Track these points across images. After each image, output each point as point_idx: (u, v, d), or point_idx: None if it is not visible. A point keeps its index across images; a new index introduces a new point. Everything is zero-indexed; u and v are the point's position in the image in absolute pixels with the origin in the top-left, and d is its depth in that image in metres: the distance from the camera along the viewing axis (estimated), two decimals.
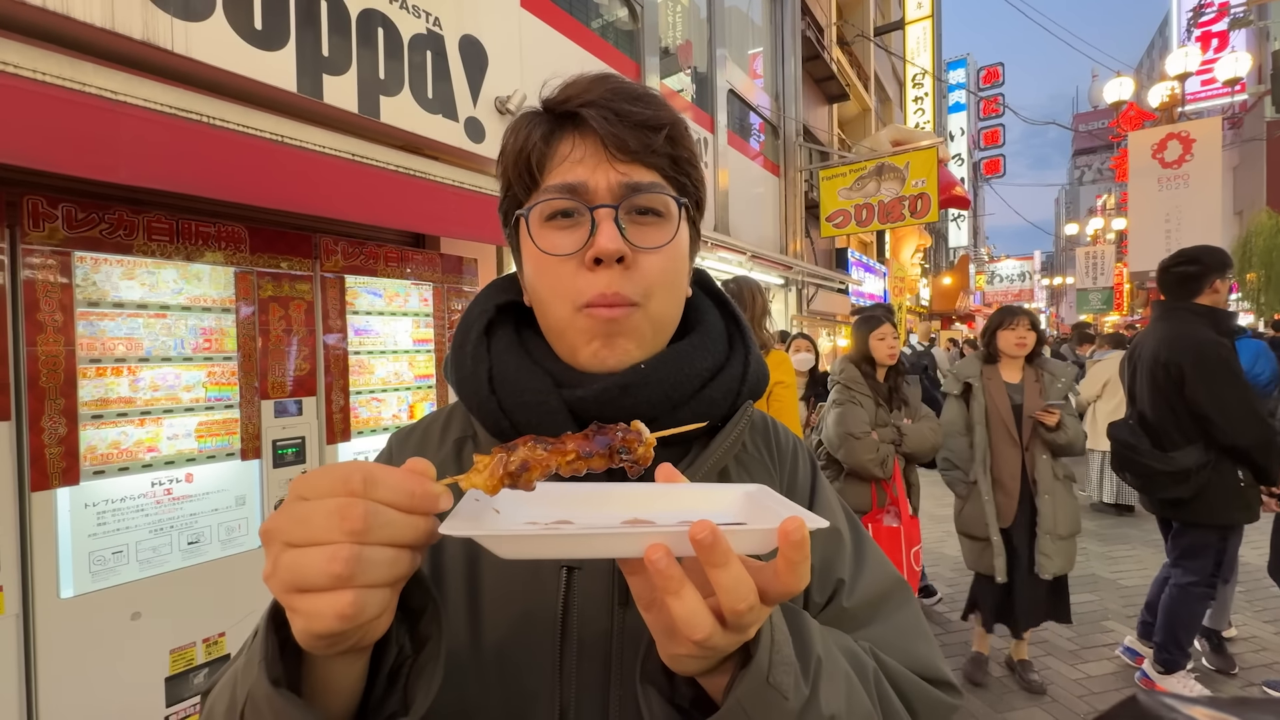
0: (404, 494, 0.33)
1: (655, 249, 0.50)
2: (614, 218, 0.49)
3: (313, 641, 0.33)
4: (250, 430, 2.17)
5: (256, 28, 2.28)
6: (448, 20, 2.99)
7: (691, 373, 0.53)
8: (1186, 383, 2.35)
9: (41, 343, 1.71)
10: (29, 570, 1.70)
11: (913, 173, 7.35)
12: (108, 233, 1.83)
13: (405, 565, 0.34)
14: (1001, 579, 2.52)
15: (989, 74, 27.82)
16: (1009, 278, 30.21)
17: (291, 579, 0.31)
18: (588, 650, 0.48)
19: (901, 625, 0.54)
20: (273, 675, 0.35)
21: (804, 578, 0.33)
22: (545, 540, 0.34)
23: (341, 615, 0.31)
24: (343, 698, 0.38)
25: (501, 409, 0.52)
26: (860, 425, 2.52)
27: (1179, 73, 9.90)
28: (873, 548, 0.59)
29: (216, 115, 1.95)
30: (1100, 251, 16.49)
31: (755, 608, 0.33)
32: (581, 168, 0.50)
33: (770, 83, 8.45)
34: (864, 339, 2.69)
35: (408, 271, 2.68)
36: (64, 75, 1.61)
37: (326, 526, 0.31)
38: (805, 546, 0.32)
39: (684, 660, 0.36)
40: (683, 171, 0.53)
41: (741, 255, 6.06)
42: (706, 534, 0.31)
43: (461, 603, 0.50)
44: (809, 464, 0.63)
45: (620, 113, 0.49)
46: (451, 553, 0.51)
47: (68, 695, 1.74)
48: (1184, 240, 8.26)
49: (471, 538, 0.33)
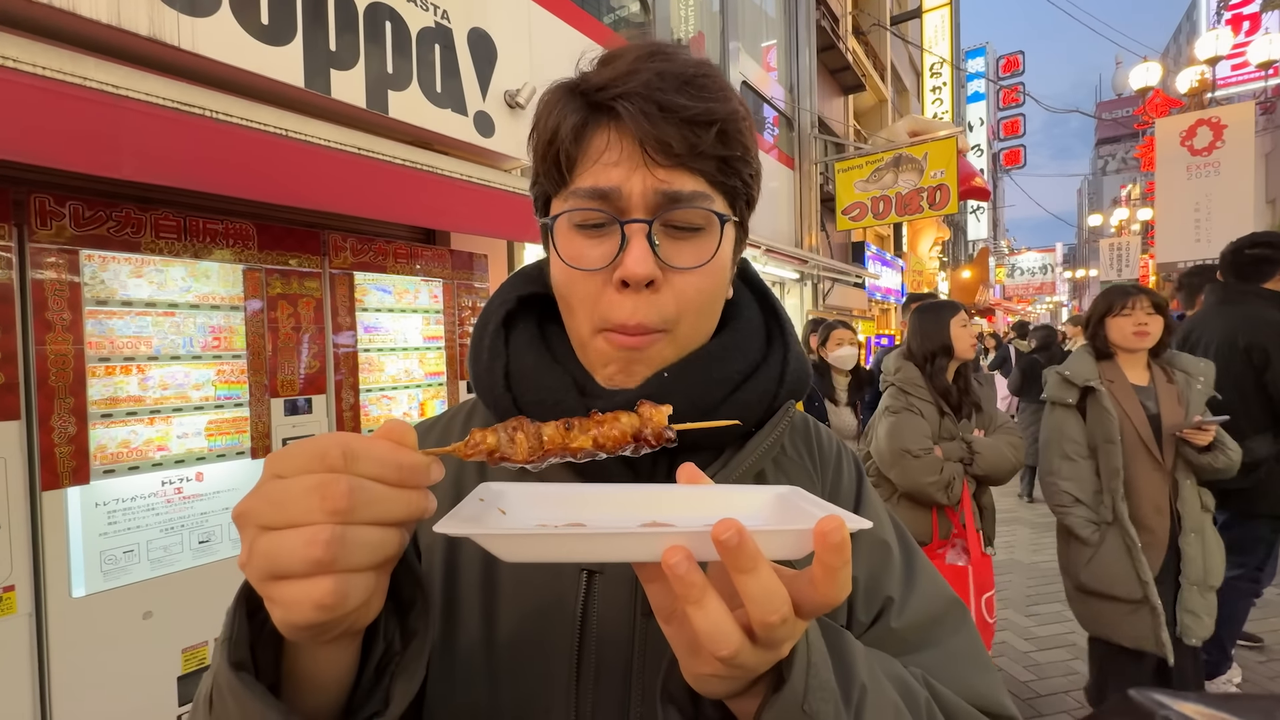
0: (391, 466, 0.30)
1: (691, 269, 0.45)
2: (647, 233, 0.43)
3: (294, 632, 0.30)
4: (260, 429, 2.16)
5: (263, 23, 2.26)
6: (456, 13, 2.95)
7: (720, 378, 0.49)
8: (1270, 367, 2.23)
9: (50, 341, 1.70)
10: (41, 570, 1.70)
11: (931, 164, 7.19)
12: (115, 230, 1.82)
13: (394, 545, 0.31)
14: (1169, 656, 1.88)
15: (1009, 62, 27.25)
16: (1030, 270, 29.64)
17: (268, 566, 0.28)
18: (606, 661, 0.44)
19: (957, 651, 0.49)
20: (234, 659, 0.32)
21: (844, 587, 0.29)
22: (548, 541, 0.31)
23: (320, 605, 0.28)
24: (328, 690, 0.35)
25: (517, 406, 0.49)
26: (919, 440, 2.02)
27: (1209, 57, 9.57)
28: (926, 565, 0.54)
29: (222, 110, 1.93)
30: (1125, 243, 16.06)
31: (789, 621, 0.29)
32: (616, 171, 0.44)
33: (784, 74, 8.32)
34: (941, 327, 2.14)
35: (417, 268, 2.66)
36: (65, 70, 1.59)
37: (305, 507, 0.28)
38: (845, 550, 0.28)
39: (709, 680, 0.32)
40: (734, 174, 0.46)
41: (756, 249, 5.98)
42: (732, 534, 0.28)
43: (476, 603, 0.47)
44: (854, 469, 0.58)
45: (664, 106, 0.42)
46: (469, 552, 0.48)
47: (81, 695, 1.74)
48: (1214, 230, 8.00)
49: (470, 537, 0.30)
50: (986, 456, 2.07)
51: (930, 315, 2.19)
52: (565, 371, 0.49)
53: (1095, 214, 24.27)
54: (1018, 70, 27.03)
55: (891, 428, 2.08)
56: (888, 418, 2.12)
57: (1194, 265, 4.56)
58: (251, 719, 0.31)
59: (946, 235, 16.36)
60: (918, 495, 2.03)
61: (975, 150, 21.32)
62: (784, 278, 7.67)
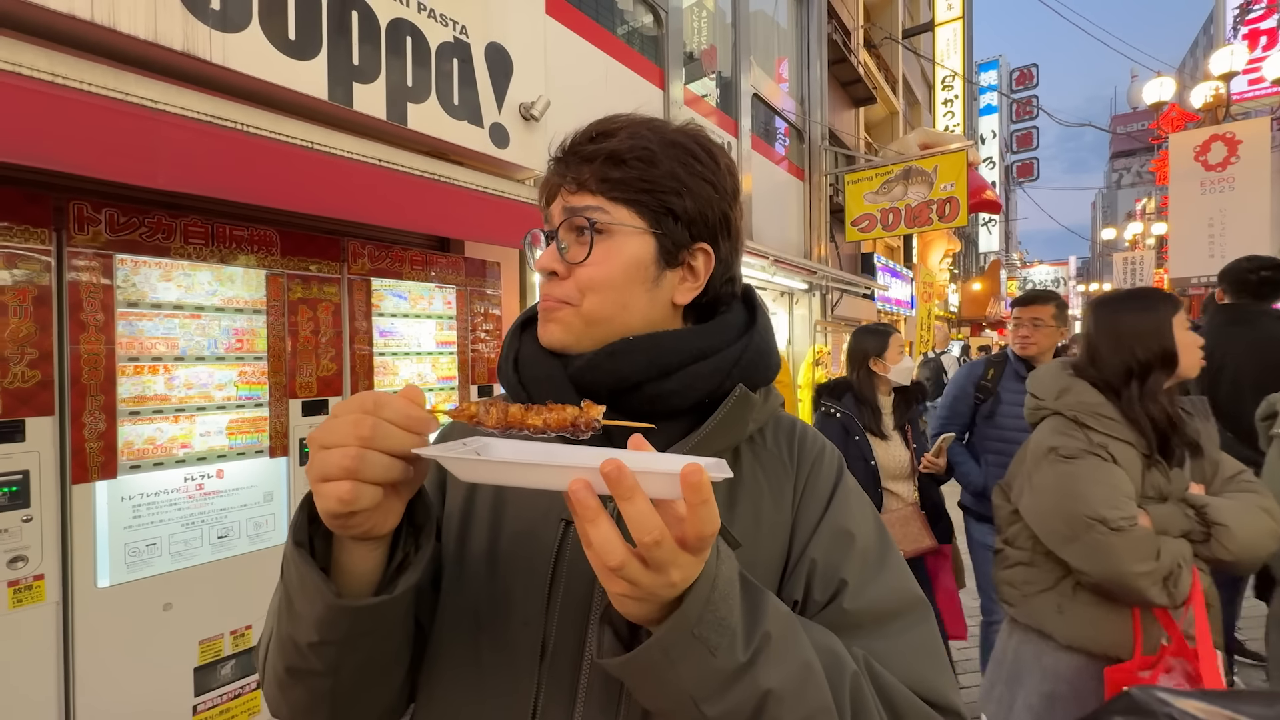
0: (402, 415, 0.43)
1: (578, 264, 0.58)
2: (556, 239, 0.60)
3: (329, 520, 0.43)
4: (279, 428, 2.23)
5: (290, 38, 2.35)
6: (474, 28, 3.04)
7: (679, 348, 0.59)
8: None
9: (84, 341, 1.78)
10: (69, 560, 1.77)
11: (941, 176, 7.21)
12: (147, 236, 1.91)
13: (398, 471, 0.43)
14: None
15: (1022, 75, 27.21)
16: (1042, 284, 29.42)
17: (319, 469, 0.42)
18: (572, 591, 0.55)
19: (910, 645, 0.54)
20: (296, 539, 0.46)
21: (709, 521, 0.37)
22: (488, 466, 0.42)
23: (341, 499, 0.41)
24: (359, 578, 0.47)
25: (521, 383, 0.62)
26: (1118, 502, 1.27)
27: (1224, 72, 9.54)
28: (899, 566, 0.59)
29: (250, 123, 2.01)
30: (1139, 257, 15.94)
31: (664, 542, 0.37)
32: (549, 204, 0.62)
33: (795, 87, 8.39)
34: (1159, 325, 1.37)
35: (432, 275, 2.73)
36: (108, 85, 1.68)
37: (344, 433, 0.41)
38: (702, 490, 0.36)
39: (625, 601, 0.40)
40: (631, 188, 0.58)
41: (764, 260, 6.02)
42: (613, 469, 0.36)
43: (484, 537, 0.61)
44: (835, 468, 0.65)
45: (579, 153, 0.59)
46: (482, 494, 0.63)
47: (103, 680, 1.80)
48: (1228, 246, 7.93)
49: (437, 459, 0.42)
50: (1233, 530, 1.26)
51: (1137, 308, 1.42)
52: (555, 355, 0.61)
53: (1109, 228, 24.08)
54: (1031, 83, 26.99)
55: (1067, 481, 1.33)
56: (1057, 464, 1.36)
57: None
58: (304, 580, 0.46)
59: (957, 247, 16.31)
60: (1117, 589, 1.28)
61: (987, 163, 21.26)
62: (792, 288, 7.69)
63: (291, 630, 0.48)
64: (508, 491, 0.62)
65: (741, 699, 0.41)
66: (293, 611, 0.47)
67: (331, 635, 0.47)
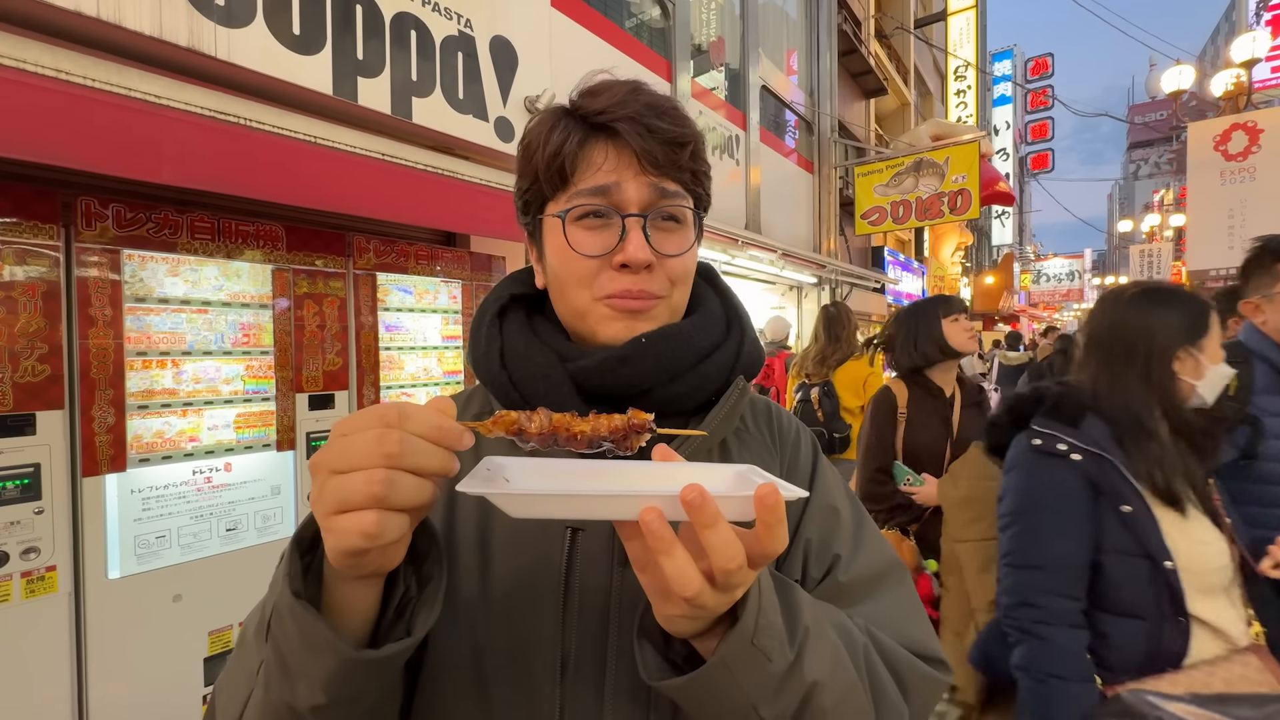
0: (433, 428, 0.37)
1: (677, 255, 0.56)
2: (642, 226, 0.54)
3: (342, 559, 0.37)
4: (285, 422, 2.24)
5: (295, 33, 2.35)
6: (479, 21, 3.03)
7: (689, 349, 0.57)
8: None
9: (92, 336, 1.80)
10: (80, 551, 1.80)
11: (953, 168, 7.11)
12: (154, 231, 1.92)
13: (428, 494, 0.37)
14: None
15: (1037, 65, 26.75)
16: (1057, 277, 29.02)
17: (336, 500, 0.35)
18: (588, 603, 0.52)
19: (897, 603, 0.57)
20: (294, 589, 0.40)
21: (781, 540, 0.36)
22: (551, 500, 0.38)
23: (366, 533, 0.34)
24: (354, 621, 0.42)
25: (511, 382, 0.57)
26: None
27: (1246, 59, 9.32)
28: (873, 530, 0.62)
29: (255, 118, 2.02)
30: (1156, 249, 15.67)
31: (743, 568, 0.36)
32: (615, 176, 0.54)
33: (805, 78, 8.30)
34: None
35: (437, 269, 2.73)
36: (112, 81, 1.69)
37: (366, 453, 0.35)
38: (778, 510, 0.35)
39: (677, 621, 0.39)
40: (700, 184, 0.58)
41: (773, 253, 5.98)
42: (696, 495, 0.34)
43: (474, 555, 0.54)
44: (811, 448, 0.66)
45: (652, 128, 0.53)
46: (464, 511, 0.56)
47: (114, 670, 1.83)
48: (1248, 238, 7.76)
49: (485, 496, 0.37)
50: None
51: None
52: (550, 349, 0.57)
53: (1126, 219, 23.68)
54: (1046, 73, 26.51)
55: None
56: None
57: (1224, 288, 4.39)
58: (309, 635, 0.39)
59: (970, 240, 16.12)
60: None
61: (1001, 154, 20.96)
62: (802, 281, 7.64)
63: (286, 697, 0.41)
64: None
65: (793, 696, 0.42)
66: (287, 674, 0.40)
67: (343, 693, 0.40)
